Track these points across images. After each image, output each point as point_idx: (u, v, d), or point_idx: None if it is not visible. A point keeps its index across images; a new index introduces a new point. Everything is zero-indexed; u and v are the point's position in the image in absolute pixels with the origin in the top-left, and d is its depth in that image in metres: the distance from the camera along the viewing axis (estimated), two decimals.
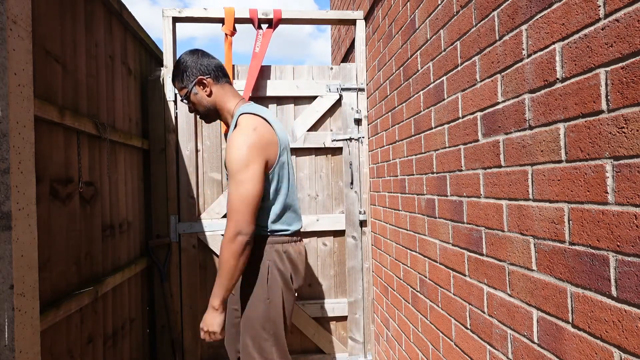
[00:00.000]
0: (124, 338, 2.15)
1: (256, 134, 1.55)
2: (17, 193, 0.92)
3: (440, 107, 1.62)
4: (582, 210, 0.91)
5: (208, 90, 1.70)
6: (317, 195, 2.78)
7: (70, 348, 1.57)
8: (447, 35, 1.55)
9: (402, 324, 2.16)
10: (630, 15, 0.78)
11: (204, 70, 1.69)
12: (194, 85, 1.69)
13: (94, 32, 1.89)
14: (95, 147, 1.86)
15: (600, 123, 0.86)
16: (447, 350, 1.60)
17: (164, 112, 2.60)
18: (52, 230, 1.46)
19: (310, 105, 2.74)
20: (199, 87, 1.70)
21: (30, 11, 1.00)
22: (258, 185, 1.51)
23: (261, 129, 1.58)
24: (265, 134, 1.58)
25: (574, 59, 0.93)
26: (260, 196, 1.53)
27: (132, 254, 2.34)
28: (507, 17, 1.17)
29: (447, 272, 1.59)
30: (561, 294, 0.97)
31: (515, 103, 1.14)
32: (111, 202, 2.03)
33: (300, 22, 2.81)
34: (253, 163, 1.51)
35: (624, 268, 0.80)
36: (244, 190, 1.49)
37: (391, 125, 2.24)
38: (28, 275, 0.94)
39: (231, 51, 2.65)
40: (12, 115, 0.92)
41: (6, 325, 0.88)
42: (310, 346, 2.75)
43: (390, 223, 2.30)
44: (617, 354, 0.82)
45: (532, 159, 1.08)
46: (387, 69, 2.29)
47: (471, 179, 1.39)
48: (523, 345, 1.12)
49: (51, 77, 1.50)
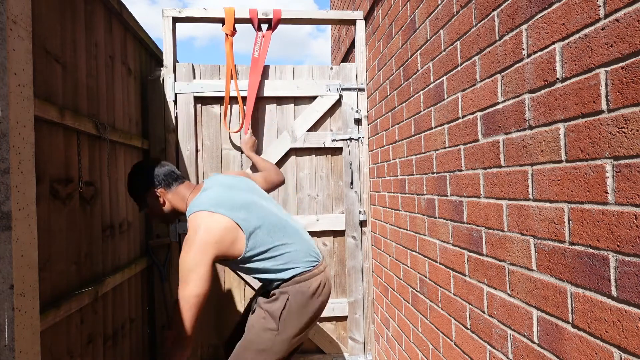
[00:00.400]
0: (124, 338, 2.15)
1: (199, 234, 1.57)
2: (17, 193, 0.92)
3: (440, 107, 1.62)
4: (582, 210, 0.91)
5: (162, 199, 1.79)
6: (317, 195, 2.78)
7: (70, 348, 1.57)
8: (447, 35, 1.55)
9: (402, 324, 2.16)
10: (630, 15, 0.78)
11: (154, 182, 1.78)
12: (146, 199, 1.80)
13: (94, 32, 1.89)
14: (95, 147, 1.86)
15: (600, 123, 0.86)
16: (447, 350, 1.60)
17: (164, 112, 2.60)
18: (52, 230, 1.46)
19: (310, 105, 2.74)
20: (153, 198, 1.80)
21: (30, 11, 1.00)
22: (202, 286, 1.53)
23: (204, 225, 1.58)
24: (210, 228, 1.58)
25: (574, 59, 0.93)
26: (204, 296, 1.55)
27: (132, 254, 2.34)
28: (507, 17, 1.17)
29: (447, 272, 1.58)
30: (561, 294, 0.97)
31: (515, 103, 1.14)
32: (111, 202, 2.03)
33: (300, 22, 2.81)
34: (198, 266, 1.53)
35: (624, 268, 0.80)
36: (188, 290, 1.53)
37: (391, 125, 2.24)
38: (28, 275, 0.94)
39: (232, 51, 2.65)
40: (12, 115, 0.92)
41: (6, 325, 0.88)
42: (310, 346, 2.75)
43: (390, 223, 2.30)
44: (617, 354, 0.82)
45: (532, 159, 1.08)
46: (387, 69, 2.29)
47: (471, 179, 1.39)
48: (523, 345, 1.12)
49: (51, 77, 1.50)
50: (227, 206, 1.64)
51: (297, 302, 1.66)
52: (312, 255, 1.76)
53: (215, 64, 2.69)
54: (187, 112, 2.61)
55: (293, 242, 1.72)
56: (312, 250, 1.78)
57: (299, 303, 1.66)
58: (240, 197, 1.73)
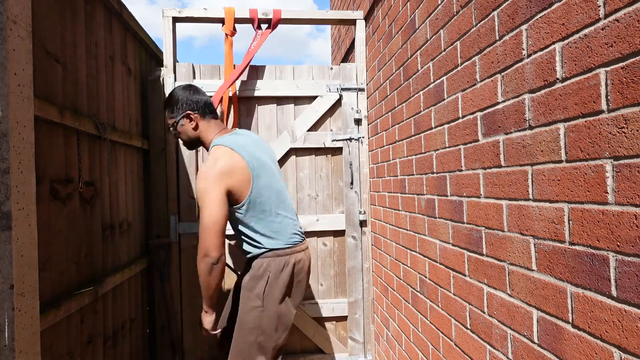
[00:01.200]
0: (124, 338, 2.15)
1: (218, 163, 1.70)
2: (17, 193, 0.92)
3: (440, 107, 1.62)
4: (582, 210, 0.91)
5: (194, 124, 1.88)
6: (317, 195, 2.78)
7: (70, 348, 1.57)
8: (447, 35, 1.55)
9: (402, 324, 2.16)
10: (630, 15, 0.78)
11: (193, 106, 1.88)
12: (181, 117, 1.88)
13: (94, 32, 1.89)
14: (95, 147, 1.86)
15: (600, 123, 0.86)
16: (447, 350, 1.60)
17: (164, 112, 2.60)
18: (52, 230, 1.46)
19: (310, 105, 2.74)
20: (186, 120, 1.88)
21: (30, 11, 1.00)
22: (217, 209, 1.66)
23: (224, 158, 1.72)
24: (227, 162, 1.72)
25: (574, 59, 0.93)
26: (223, 218, 1.67)
27: (132, 254, 2.34)
28: (507, 17, 1.17)
29: (447, 272, 1.59)
30: (561, 294, 0.97)
31: (515, 103, 1.14)
32: (111, 202, 2.03)
33: (300, 22, 2.81)
34: (212, 191, 1.66)
35: (624, 268, 0.80)
36: (206, 215, 1.65)
37: (391, 125, 2.24)
38: (28, 275, 0.94)
39: (232, 51, 2.65)
40: (12, 115, 0.92)
41: (6, 325, 0.88)
42: (310, 346, 2.75)
43: (390, 223, 2.30)
44: (617, 354, 0.82)
45: (532, 159, 1.08)
46: (387, 69, 2.29)
47: (471, 179, 1.39)
48: (523, 345, 1.12)
49: (51, 77, 1.50)
50: (248, 153, 1.79)
51: (276, 277, 1.78)
52: (298, 233, 1.91)
53: (215, 64, 2.69)
54: None
55: (287, 216, 1.87)
56: (299, 229, 1.94)
57: (279, 278, 1.78)
58: (261, 154, 1.87)
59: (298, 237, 1.90)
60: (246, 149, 1.80)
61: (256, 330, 1.76)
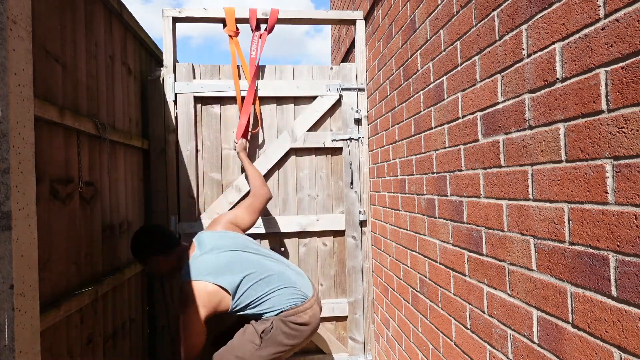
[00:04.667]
0: (124, 338, 2.15)
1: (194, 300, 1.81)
2: (17, 193, 0.92)
3: (440, 107, 1.62)
4: (582, 210, 0.91)
5: (161, 264, 2.04)
6: (317, 195, 2.78)
7: (70, 348, 1.57)
8: (447, 35, 1.55)
9: (402, 324, 2.16)
10: (630, 15, 0.78)
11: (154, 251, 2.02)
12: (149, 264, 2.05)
13: (94, 32, 1.89)
14: (95, 147, 1.86)
15: (600, 123, 0.86)
16: (447, 350, 1.60)
17: (164, 112, 2.60)
18: (52, 230, 1.46)
19: (310, 105, 2.74)
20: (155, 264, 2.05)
21: (30, 11, 1.00)
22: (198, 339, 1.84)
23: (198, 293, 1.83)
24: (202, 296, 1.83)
25: (574, 59, 0.93)
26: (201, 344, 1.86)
27: None
28: (507, 17, 1.17)
29: (447, 272, 1.58)
30: (561, 294, 0.97)
31: (515, 103, 1.14)
32: (111, 202, 2.03)
33: (300, 22, 2.81)
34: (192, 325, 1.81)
35: (624, 268, 0.80)
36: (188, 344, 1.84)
37: (391, 125, 2.24)
38: (28, 275, 0.94)
39: (240, 51, 2.64)
40: (12, 115, 0.92)
41: (6, 325, 0.88)
42: (310, 346, 2.75)
43: (390, 223, 2.30)
44: (617, 354, 0.82)
45: (532, 159, 1.07)
46: (387, 69, 2.29)
47: (471, 179, 1.39)
48: (523, 345, 1.12)
49: (51, 77, 1.49)
50: (214, 272, 1.88)
51: (281, 330, 1.88)
52: (297, 295, 1.96)
53: (216, 64, 2.69)
54: (187, 112, 2.61)
55: (277, 288, 1.93)
56: (298, 290, 1.98)
57: (283, 332, 1.88)
58: (224, 259, 1.96)
59: (299, 297, 1.95)
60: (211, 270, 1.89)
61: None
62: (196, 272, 1.89)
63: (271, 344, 1.86)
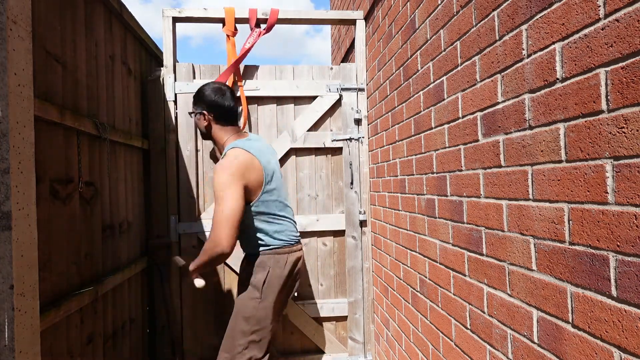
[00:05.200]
0: (124, 338, 2.15)
1: (237, 160, 1.83)
2: (17, 193, 0.92)
3: (440, 107, 1.62)
4: (582, 210, 0.91)
5: (206, 123, 2.04)
6: (317, 195, 2.78)
7: (70, 348, 1.57)
8: (447, 35, 1.55)
9: (402, 324, 2.16)
10: (630, 15, 0.78)
11: (210, 109, 2.01)
12: (198, 113, 2.04)
13: (94, 32, 1.89)
14: (95, 147, 1.86)
15: (600, 123, 0.86)
16: (447, 350, 1.60)
17: (164, 112, 2.60)
18: (52, 230, 1.46)
19: (310, 105, 2.74)
20: (200, 117, 2.04)
21: (30, 11, 1.00)
22: (235, 203, 1.76)
23: (243, 157, 1.86)
24: (247, 161, 1.85)
25: (574, 59, 0.93)
26: (240, 212, 1.77)
27: (132, 254, 2.34)
28: (507, 17, 1.17)
29: (447, 272, 1.59)
30: (561, 294, 0.97)
31: (515, 103, 1.14)
32: (111, 202, 2.03)
33: (300, 22, 2.81)
34: (231, 185, 1.77)
35: (624, 268, 0.80)
36: (226, 207, 1.74)
37: (391, 125, 2.24)
38: (28, 275, 0.94)
39: (235, 51, 2.65)
40: (12, 115, 0.92)
41: (6, 325, 0.88)
42: (310, 346, 2.75)
43: (390, 223, 2.30)
44: (617, 354, 0.82)
45: (532, 159, 1.08)
46: (387, 68, 2.29)
47: (471, 179, 1.39)
48: (523, 345, 1.12)
49: (51, 77, 1.49)
50: (264, 158, 1.93)
51: (276, 273, 1.92)
52: (295, 234, 2.07)
53: (215, 64, 2.69)
54: (187, 112, 2.61)
55: (289, 218, 2.04)
56: (296, 231, 2.10)
57: (278, 274, 1.93)
58: (272, 160, 2.02)
59: (295, 238, 2.06)
60: (262, 154, 1.94)
61: (252, 320, 1.89)
62: (247, 146, 1.91)
63: (270, 290, 1.91)
